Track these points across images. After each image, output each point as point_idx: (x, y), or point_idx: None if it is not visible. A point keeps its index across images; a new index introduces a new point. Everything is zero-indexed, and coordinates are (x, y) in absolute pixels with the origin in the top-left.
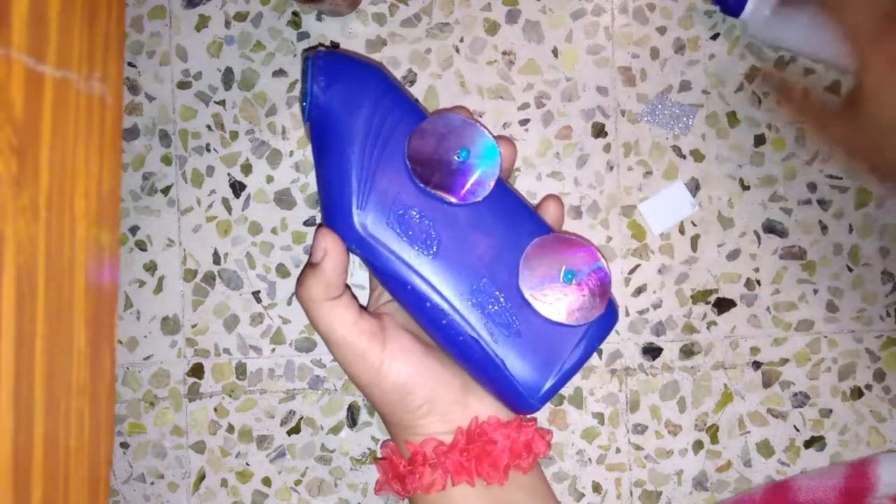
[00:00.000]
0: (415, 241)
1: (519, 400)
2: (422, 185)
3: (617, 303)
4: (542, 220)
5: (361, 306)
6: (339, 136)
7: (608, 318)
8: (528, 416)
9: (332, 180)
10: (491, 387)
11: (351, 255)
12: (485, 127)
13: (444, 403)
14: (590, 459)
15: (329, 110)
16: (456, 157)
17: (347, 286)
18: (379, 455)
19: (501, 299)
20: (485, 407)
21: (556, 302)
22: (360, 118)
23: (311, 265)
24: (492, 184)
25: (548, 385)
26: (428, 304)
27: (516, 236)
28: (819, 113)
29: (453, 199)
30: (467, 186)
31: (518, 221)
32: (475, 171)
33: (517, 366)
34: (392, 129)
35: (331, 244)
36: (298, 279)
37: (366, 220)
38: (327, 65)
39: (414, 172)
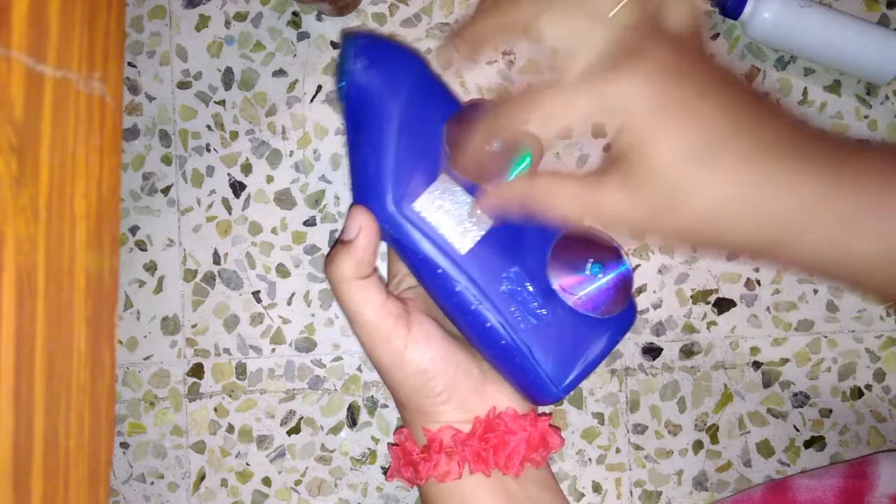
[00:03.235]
0: None
1: (543, 389)
2: (457, 171)
3: (636, 301)
4: None
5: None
6: (378, 117)
7: (629, 313)
8: (541, 412)
9: (369, 159)
10: (514, 375)
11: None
12: None
13: (464, 391)
14: (590, 459)
15: (369, 90)
16: (490, 147)
17: (375, 268)
18: (390, 440)
19: (530, 288)
20: (503, 397)
21: (583, 294)
22: (399, 101)
23: (343, 242)
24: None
25: (573, 375)
26: (458, 287)
27: (545, 228)
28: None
29: (487, 187)
30: (501, 176)
31: None
32: (508, 163)
33: (542, 354)
34: (429, 114)
35: (365, 221)
36: (328, 257)
37: (401, 199)
38: (369, 46)
39: (451, 157)
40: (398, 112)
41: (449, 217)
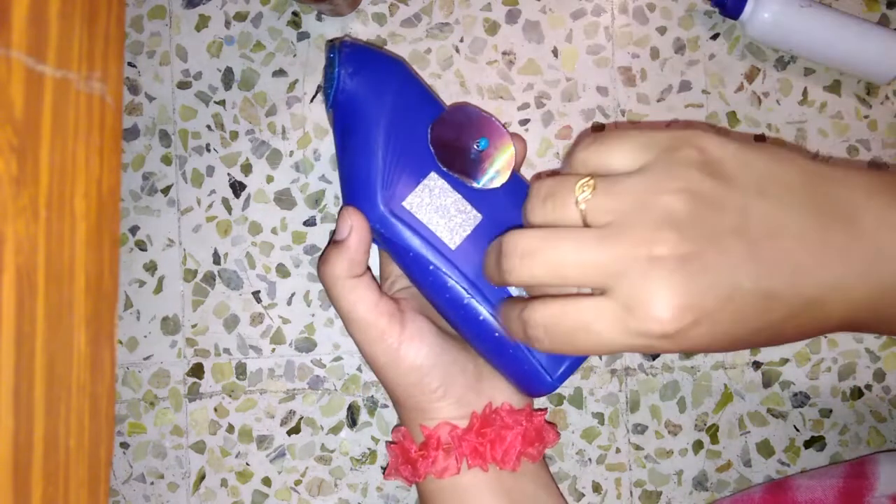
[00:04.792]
0: None
1: (537, 379)
2: (445, 169)
3: None
4: None
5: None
6: (365, 121)
7: None
8: (537, 408)
9: (358, 161)
10: (508, 367)
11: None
12: (498, 121)
13: (459, 387)
14: (590, 459)
15: (355, 96)
16: (475, 146)
17: (368, 268)
18: (389, 440)
19: None
20: (498, 393)
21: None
22: (385, 105)
23: (335, 243)
24: (508, 173)
25: (566, 364)
26: (449, 283)
27: None
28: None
29: (474, 184)
30: (486, 173)
31: None
32: (493, 160)
33: None
34: (415, 117)
35: (356, 221)
36: (321, 257)
37: (390, 199)
38: (354, 54)
39: (437, 157)
40: (384, 116)
41: (438, 214)
